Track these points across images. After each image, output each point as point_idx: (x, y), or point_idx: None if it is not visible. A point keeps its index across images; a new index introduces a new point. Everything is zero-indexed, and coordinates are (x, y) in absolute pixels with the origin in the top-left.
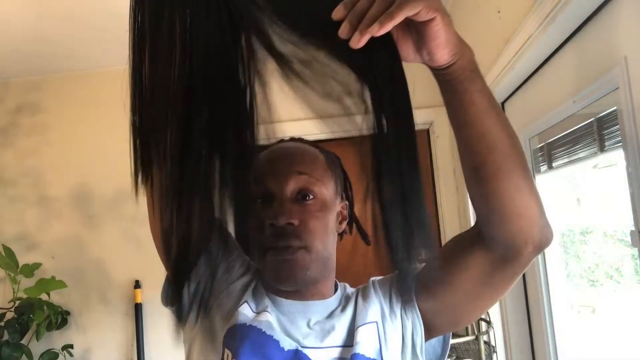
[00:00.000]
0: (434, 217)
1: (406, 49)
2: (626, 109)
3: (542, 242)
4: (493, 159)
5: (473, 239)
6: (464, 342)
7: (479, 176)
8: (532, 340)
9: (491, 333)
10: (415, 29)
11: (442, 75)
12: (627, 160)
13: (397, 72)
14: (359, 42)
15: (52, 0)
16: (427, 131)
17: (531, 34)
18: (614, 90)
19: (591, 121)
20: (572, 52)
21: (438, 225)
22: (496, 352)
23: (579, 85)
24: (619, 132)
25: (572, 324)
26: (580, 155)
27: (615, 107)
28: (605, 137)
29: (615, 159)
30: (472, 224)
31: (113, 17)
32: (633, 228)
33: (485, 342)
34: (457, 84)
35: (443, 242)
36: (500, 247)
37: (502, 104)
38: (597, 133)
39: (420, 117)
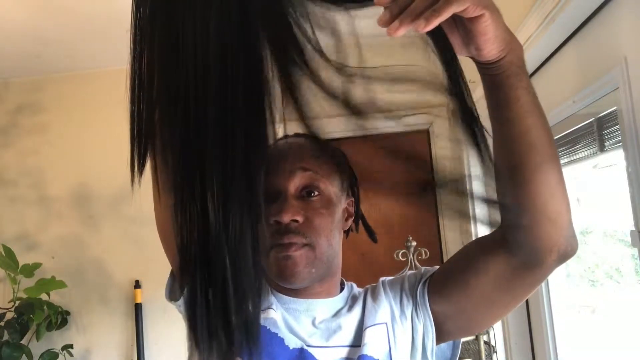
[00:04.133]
0: (433, 217)
1: (452, 43)
2: (626, 109)
3: (567, 252)
4: (532, 159)
5: (495, 242)
6: (464, 342)
7: (515, 176)
8: (532, 340)
9: (491, 333)
10: (463, 24)
11: (489, 70)
12: (627, 160)
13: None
14: (396, 30)
15: (53, 0)
16: (427, 131)
17: (531, 34)
18: (614, 90)
19: (591, 121)
20: (572, 52)
21: (438, 226)
22: (496, 352)
23: (579, 85)
24: (619, 132)
25: (572, 324)
26: (580, 155)
27: (615, 107)
28: (605, 137)
29: (615, 159)
30: (473, 224)
31: (113, 17)
32: (633, 228)
33: (485, 342)
34: (503, 79)
35: (443, 242)
36: (524, 252)
37: None
38: (597, 133)
39: (420, 117)
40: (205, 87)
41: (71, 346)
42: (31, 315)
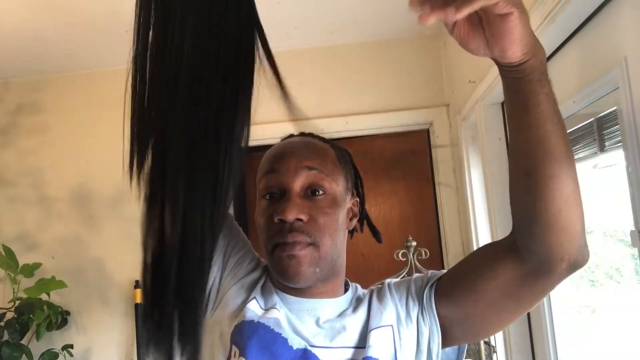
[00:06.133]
0: (433, 217)
1: (477, 43)
2: (626, 109)
3: (578, 261)
4: (548, 165)
5: (506, 248)
6: None
7: (529, 182)
8: (532, 340)
9: None
10: (489, 23)
11: (511, 73)
12: (627, 160)
13: None
14: (427, 19)
15: (53, 0)
16: (427, 131)
17: None
18: (614, 90)
19: (591, 121)
20: (572, 52)
21: (438, 225)
22: (496, 352)
23: (579, 85)
24: (619, 132)
25: (572, 324)
26: (580, 155)
27: (615, 107)
28: (605, 137)
29: (615, 159)
30: (473, 224)
31: (113, 17)
32: (633, 228)
33: (485, 342)
34: (524, 83)
35: (443, 242)
36: (535, 259)
37: (502, 104)
38: (597, 133)
39: (420, 117)
40: (177, 90)
41: (71, 346)
42: (31, 315)
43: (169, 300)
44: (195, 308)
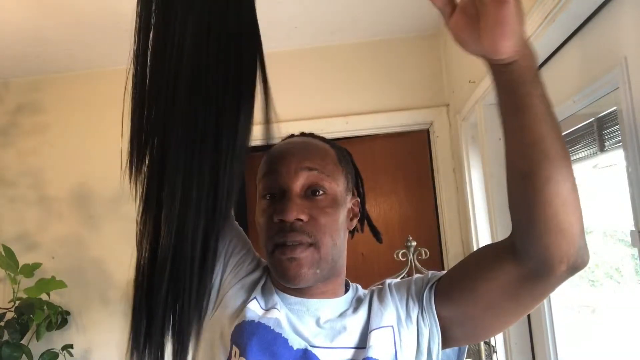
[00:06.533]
0: (433, 217)
1: (469, 34)
2: (626, 109)
3: (577, 263)
4: (544, 167)
5: (505, 250)
6: None
7: (526, 184)
8: (532, 340)
9: None
10: (484, 14)
11: (503, 74)
12: (627, 160)
13: None
14: None
15: (53, 0)
16: (427, 131)
17: (531, 35)
18: (614, 90)
19: (591, 121)
20: (572, 52)
21: (438, 225)
22: (496, 352)
23: (579, 85)
24: (619, 132)
25: (572, 324)
26: (580, 155)
27: (615, 107)
28: (605, 137)
29: (615, 159)
30: (473, 224)
31: (113, 17)
32: (633, 228)
33: (485, 342)
34: (517, 85)
35: (443, 242)
36: (533, 262)
37: None
38: (597, 133)
39: (420, 117)
40: (177, 90)
41: (71, 346)
42: (31, 315)
43: (159, 302)
44: (185, 311)
